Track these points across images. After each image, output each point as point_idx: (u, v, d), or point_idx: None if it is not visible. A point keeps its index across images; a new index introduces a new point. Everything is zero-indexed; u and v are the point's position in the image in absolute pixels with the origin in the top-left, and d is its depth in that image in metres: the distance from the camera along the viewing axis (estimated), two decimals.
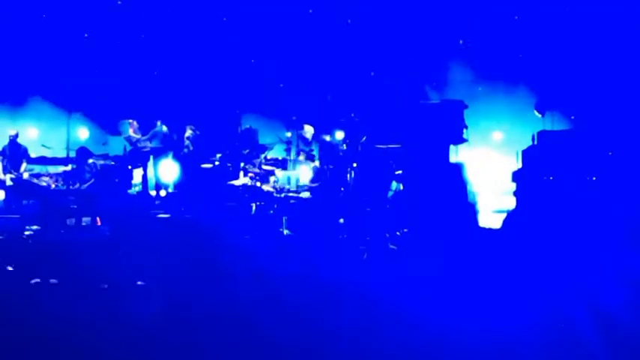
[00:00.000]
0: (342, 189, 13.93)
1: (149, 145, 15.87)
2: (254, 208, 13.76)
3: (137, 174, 15.83)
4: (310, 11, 17.34)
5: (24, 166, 15.44)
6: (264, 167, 15.07)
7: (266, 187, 14.38)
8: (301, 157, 15.73)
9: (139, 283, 8.86)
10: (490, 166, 16.15)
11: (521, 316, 7.50)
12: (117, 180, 15.18)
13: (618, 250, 9.96)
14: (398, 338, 7.06)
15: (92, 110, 18.51)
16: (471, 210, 13.06)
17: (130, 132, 16.06)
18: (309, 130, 16.15)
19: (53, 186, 14.98)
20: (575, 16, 16.74)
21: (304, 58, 17.78)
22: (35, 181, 15.08)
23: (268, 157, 15.55)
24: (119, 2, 17.14)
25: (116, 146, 16.29)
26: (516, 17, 17.14)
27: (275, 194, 14.16)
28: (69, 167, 15.78)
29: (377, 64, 17.31)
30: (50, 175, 15.41)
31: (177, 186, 15.82)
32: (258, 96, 17.89)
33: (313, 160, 15.46)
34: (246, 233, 12.50)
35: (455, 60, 17.57)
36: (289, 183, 15.44)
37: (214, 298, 8.38)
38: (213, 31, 17.79)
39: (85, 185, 14.87)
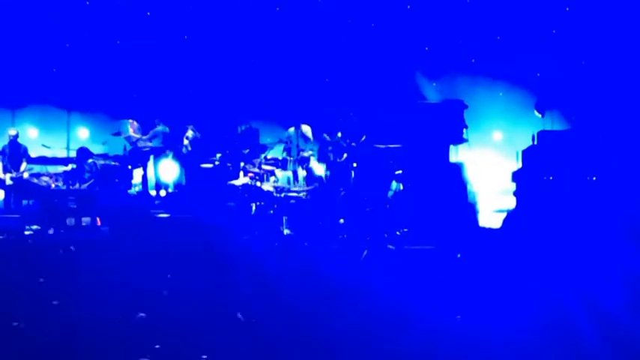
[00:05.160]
0: (342, 190, 13.93)
1: (149, 145, 15.88)
2: (254, 208, 13.77)
3: (137, 174, 15.83)
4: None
5: (24, 165, 15.42)
6: (264, 167, 15.07)
7: (266, 187, 14.38)
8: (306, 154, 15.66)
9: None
10: (490, 166, 16.15)
11: (521, 316, 7.50)
12: (117, 180, 15.19)
13: (618, 250, 9.96)
14: (397, 338, 7.06)
15: (92, 110, 18.50)
16: (471, 210, 13.07)
17: (130, 132, 16.06)
18: (307, 130, 16.14)
19: (53, 186, 14.97)
20: (574, 16, 16.75)
21: (304, 58, 17.78)
22: (35, 180, 15.07)
23: (268, 157, 15.55)
24: None
25: (116, 146, 16.28)
26: (518, 16, 17.14)
27: (275, 194, 14.16)
28: (69, 167, 15.78)
29: (377, 63, 17.31)
30: (50, 175, 15.39)
31: (177, 186, 15.82)
32: (258, 96, 17.88)
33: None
34: (246, 233, 12.51)
35: (456, 60, 17.58)
36: (289, 183, 15.44)
37: (214, 297, 8.38)
38: (213, 31, 17.79)
39: (85, 185, 14.87)
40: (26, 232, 13.23)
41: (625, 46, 15.74)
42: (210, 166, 14.97)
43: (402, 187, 13.51)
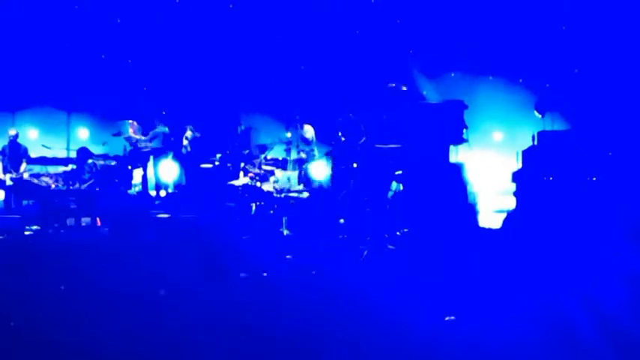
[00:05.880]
0: (342, 190, 13.93)
1: (149, 145, 15.88)
2: (254, 208, 13.77)
3: (137, 174, 15.85)
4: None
5: (24, 166, 15.44)
6: (264, 167, 15.07)
7: (266, 187, 14.39)
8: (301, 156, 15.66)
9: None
10: (490, 166, 16.14)
11: (521, 316, 7.50)
12: (117, 180, 15.20)
13: (618, 250, 9.95)
14: (397, 338, 7.06)
15: (92, 110, 18.52)
16: (471, 210, 13.06)
17: (130, 132, 16.07)
18: (308, 130, 16.15)
19: (53, 186, 14.98)
20: (574, 15, 16.75)
21: (304, 58, 17.79)
22: (35, 181, 15.09)
23: (268, 157, 15.56)
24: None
25: (116, 146, 16.29)
26: (517, 16, 17.15)
27: (275, 194, 14.17)
28: (69, 167, 15.79)
29: (377, 63, 17.31)
30: (50, 175, 15.41)
31: (177, 186, 15.83)
32: (259, 96, 17.90)
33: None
34: (246, 233, 12.51)
35: (456, 60, 17.59)
36: (289, 183, 15.44)
37: (214, 298, 8.38)
38: (213, 31, 17.79)
39: (85, 185, 14.87)
40: (26, 232, 13.24)
41: (625, 46, 15.74)
42: (210, 166, 14.98)
43: (402, 187, 13.49)
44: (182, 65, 18.03)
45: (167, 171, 15.92)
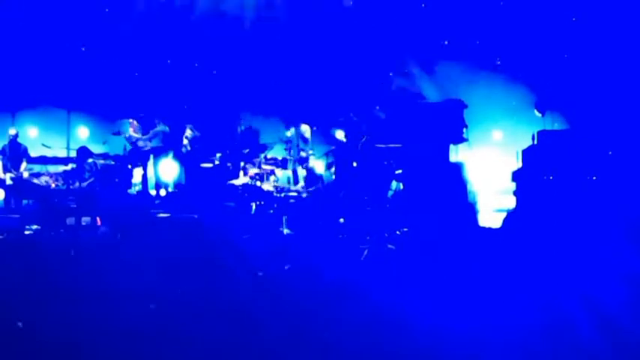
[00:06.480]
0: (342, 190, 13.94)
1: (149, 144, 15.88)
2: (254, 207, 13.77)
3: (137, 173, 15.84)
4: None
5: (24, 165, 15.43)
6: (264, 167, 15.08)
7: (266, 187, 14.39)
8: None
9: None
10: (490, 165, 16.14)
11: (522, 316, 7.51)
12: (117, 180, 15.19)
13: (618, 249, 9.95)
14: (397, 338, 7.06)
15: (92, 110, 18.50)
16: (471, 210, 13.07)
17: (130, 132, 16.07)
18: (306, 130, 16.16)
19: (53, 185, 14.97)
20: (574, 15, 16.75)
21: (304, 58, 17.78)
22: (35, 180, 15.08)
23: (268, 157, 15.56)
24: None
25: (116, 146, 16.28)
26: (518, 15, 17.15)
27: (275, 194, 14.17)
28: (69, 167, 15.78)
29: (377, 63, 17.32)
30: (50, 175, 15.40)
31: (177, 186, 15.83)
32: (258, 95, 17.89)
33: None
34: (246, 233, 12.51)
35: (456, 58, 17.59)
36: (289, 182, 15.46)
37: (214, 297, 8.38)
38: (213, 31, 17.79)
39: (85, 184, 14.86)
40: (26, 232, 13.23)
41: (625, 46, 15.74)
42: (210, 165, 14.98)
43: (402, 187, 13.51)
44: (182, 65, 18.03)
45: (167, 170, 15.92)
